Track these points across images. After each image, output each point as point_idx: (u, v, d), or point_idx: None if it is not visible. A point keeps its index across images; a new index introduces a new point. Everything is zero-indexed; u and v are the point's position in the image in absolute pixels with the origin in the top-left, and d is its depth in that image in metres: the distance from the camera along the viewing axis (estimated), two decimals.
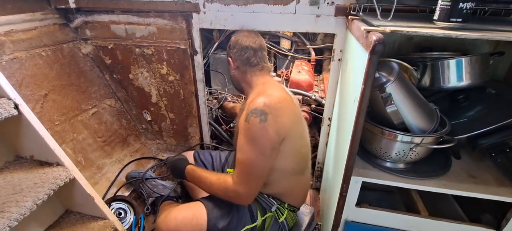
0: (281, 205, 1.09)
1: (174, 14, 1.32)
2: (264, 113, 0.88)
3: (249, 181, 0.94)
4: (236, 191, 0.95)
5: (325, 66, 2.36)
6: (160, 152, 1.81)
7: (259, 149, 0.90)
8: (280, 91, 0.99)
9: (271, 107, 0.89)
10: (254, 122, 0.88)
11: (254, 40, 1.07)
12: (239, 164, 0.94)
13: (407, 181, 0.92)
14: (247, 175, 0.93)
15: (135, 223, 1.32)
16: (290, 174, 1.05)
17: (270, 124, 0.88)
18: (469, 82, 0.95)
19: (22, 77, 1.21)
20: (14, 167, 0.97)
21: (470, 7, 0.71)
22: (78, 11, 1.42)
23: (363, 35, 0.74)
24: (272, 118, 0.88)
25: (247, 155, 0.91)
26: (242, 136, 0.93)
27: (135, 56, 1.48)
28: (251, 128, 0.89)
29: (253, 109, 0.89)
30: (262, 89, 1.00)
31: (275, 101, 0.91)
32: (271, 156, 0.93)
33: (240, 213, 1.05)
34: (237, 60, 1.08)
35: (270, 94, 0.94)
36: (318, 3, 1.15)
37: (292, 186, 1.09)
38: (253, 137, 0.90)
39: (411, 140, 0.86)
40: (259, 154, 0.90)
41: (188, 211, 1.05)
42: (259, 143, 0.90)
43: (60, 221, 1.07)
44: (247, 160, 0.92)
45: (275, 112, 0.89)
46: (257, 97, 0.93)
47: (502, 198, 0.85)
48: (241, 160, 0.93)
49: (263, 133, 0.89)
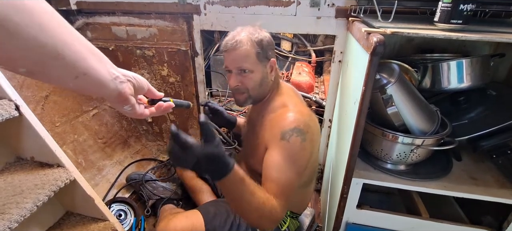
0: None
1: (175, 16, 1.33)
2: (304, 133, 0.83)
3: (287, 200, 0.82)
4: (277, 211, 0.78)
5: (326, 68, 2.36)
6: (160, 154, 1.81)
7: (297, 169, 0.83)
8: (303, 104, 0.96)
9: (308, 126, 0.85)
10: (295, 141, 0.82)
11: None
12: (277, 184, 0.81)
13: (408, 183, 0.91)
14: (286, 196, 0.81)
15: (136, 224, 1.32)
16: (299, 187, 1.00)
17: (308, 144, 0.84)
18: (470, 84, 0.95)
19: (23, 79, 1.22)
20: (14, 168, 0.97)
21: (470, 8, 0.71)
22: (79, 13, 1.42)
23: (364, 37, 0.74)
24: (309, 137, 0.84)
25: (287, 174, 0.82)
26: (277, 154, 0.83)
27: (136, 58, 1.48)
28: (293, 147, 0.82)
29: (293, 128, 0.82)
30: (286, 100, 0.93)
31: (309, 119, 0.87)
32: (303, 176, 0.89)
33: (239, 222, 1.03)
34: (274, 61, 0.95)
35: (301, 111, 0.89)
36: (318, 4, 1.15)
37: (297, 197, 1.07)
38: (293, 156, 0.83)
39: (412, 142, 0.86)
40: (297, 174, 0.84)
41: (187, 221, 1.03)
42: (298, 163, 0.84)
43: (60, 222, 1.07)
44: (287, 180, 0.82)
45: (311, 131, 0.86)
46: (290, 113, 0.87)
47: (503, 200, 0.85)
48: (279, 179, 0.81)
49: (303, 153, 0.84)
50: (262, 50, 0.89)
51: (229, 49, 0.88)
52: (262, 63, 0.91)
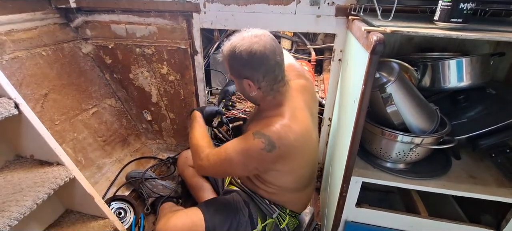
0: (282, 211, 1.08)
1: (174, 14, 1.32)
2: (273, 146, 0.82)
3: (216, 169, 0.94)
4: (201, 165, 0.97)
5: (326, 67, 2.36)
6: (160, 152, 1.81)
7: (243, 162, 0.88)
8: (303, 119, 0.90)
9: (283, 144, 0.83)
10: (257, 144, 0.83)
11: (274, 49, 0.83)
12: (218, 151, 0.92)
13: (407, 181, 0.91)
14: (218, 165, 0.92)
15: (135, 222, 1.32)
16: (292, 190, 1.04)
17: (272, 158, 0.84)
18: (470, 83, 0.95)
19: (23, 77, 1.21)
20: (14, 166, 0.97)
21: (470, 7, 0.71)
22: (78, 11, 1.42)
23: (364, 35, 0.74)
24: (277, 154, 0.83)
25: (231, 155, 0.89)
26: (241, 138, 0.90)
27: (135, 56, 1.48)
28: (251, 145, 0.84)
29: (265, 134, 0.83)
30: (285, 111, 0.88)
31: (292, 139, 0.83)
32: (251, 172, 0.95)
33: (239, 219, 1.04)
34: (261, 82, 0.85)
35: (290, 126, 0.84)
36: (318, 3, 1.15)
37: (295, 197, 1.08)
38: (248, 151, 0.86)
39: (411, 140, 0.86)
40: (240, 165, 0.89)
41: (187, 218, 1.04)
42: (246, 159, 0.88)
43: (60, 220, 1.08)
44: (227, 157, 0.90)
45: (285, 150, 0.84)
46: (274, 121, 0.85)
47: (502, 199, 0.85)
48: (224, 150, 0.91)
49: (257, 158, 0.86)
50: (231, 68, 0.88)
51: None
52: (237, 79, 0.89)
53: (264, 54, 0.81)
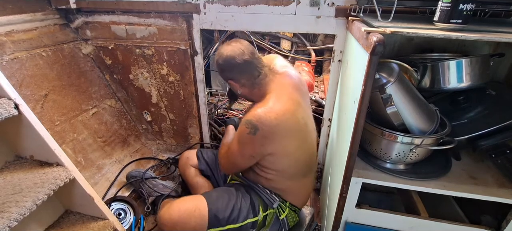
0: (283, 202, 1.10)
1: (174, 15, 1.33)
2: (255, 128, 0.93)
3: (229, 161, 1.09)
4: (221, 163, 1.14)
5: (325, 67, 2.36)
6: (160, 152, 1.81)
7: (240, 151, 1.01)
8: (285, 102, 0.97)
9: (264, 124, 0.92)
10: (243, 130, 0.96)
11: (242, 51, 1.00)
12: (229, 148, 1.08)
13: (407, 182, 0.91)
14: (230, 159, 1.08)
15: (135, 223, 1.32)
16: (291, 176, 1.07)
17: (258, 139, 0.94)
18: (469, 84, 0.95)
19: (23, 78, 1.21)
20: (14, 167, 0.97)
21: (470, 8, 0.71)
22: (78, 12, 1.42)
23: (364, 36, 0.74)
24: (261, 134, 0.93)
25: (232, 148, 1.04)
26: (237, 131, 1.03)
27: (135, 57, 1.48)
28: (241, 133, 0.98)
29: (248, 120, 0.95)
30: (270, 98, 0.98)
31: (272, 118, 0.92)
32: (250, 160, 1.03)
33: (241, 206, 1.08)
34: (240, 80, 1.03)
35: (271, 108, 0.94)
36: (318, 4, 1.15)
37: (294, 186, 1.10)
38: (240, 140, 1.00)
39: (411, 141, 0.86)
40: (239, 154, 1.02)
41: (191, 203, 1.08)
42: (241, 147, 1.00)
43: (60, 221, 1.07)
44: (230, 150, 1.06)
45: (267, 130, 0.93)
46: (258, 108, 0.96)
47: (502, 200, 0.85)
48: (230, 146, 1.07)
49: (247, 143, 0.98)
50: (221, 75, 1.08)
51: None
52: (227, 82, 1.08)
53: (233, 57, 0.99)
